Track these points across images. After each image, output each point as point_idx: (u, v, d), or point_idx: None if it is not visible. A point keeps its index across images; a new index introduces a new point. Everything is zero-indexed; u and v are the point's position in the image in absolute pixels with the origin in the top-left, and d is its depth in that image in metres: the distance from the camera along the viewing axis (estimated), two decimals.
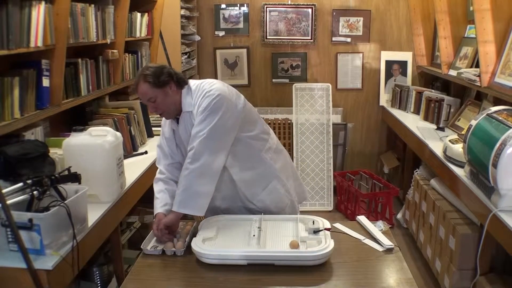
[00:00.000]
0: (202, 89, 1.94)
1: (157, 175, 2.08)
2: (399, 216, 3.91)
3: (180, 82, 1.96)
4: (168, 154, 2.08)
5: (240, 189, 2.05)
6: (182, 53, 3.97)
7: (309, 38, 4.55)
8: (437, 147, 3.04)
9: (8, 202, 1.53)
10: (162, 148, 2.10)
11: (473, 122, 2.37)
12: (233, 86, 2.10)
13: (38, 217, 1.55)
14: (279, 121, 4.46)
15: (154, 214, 1.97)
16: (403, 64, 4.59)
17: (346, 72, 4.65)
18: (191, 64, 4.31)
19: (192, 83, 2.00)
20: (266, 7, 4.49)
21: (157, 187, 2.04)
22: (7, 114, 1.97)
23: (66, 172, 1.80)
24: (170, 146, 2.08)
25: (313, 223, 1.90)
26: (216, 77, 4.64)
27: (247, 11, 4.53)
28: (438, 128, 3.59)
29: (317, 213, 2.26)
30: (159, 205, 1.97)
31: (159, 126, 3.42)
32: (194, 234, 1.86)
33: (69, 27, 2.30)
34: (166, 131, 2.09)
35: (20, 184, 1.62)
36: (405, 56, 4.57)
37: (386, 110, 4.49)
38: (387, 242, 1.85)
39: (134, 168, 2.60)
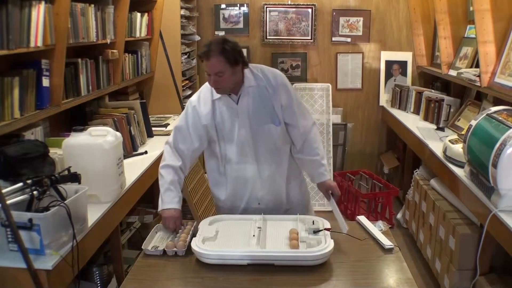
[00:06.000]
0: (273, 72, 2.06)
1: (169, 159, 2.03)
2: (399, 216, 3.90)
3: (246, 64, 1.96)
4: (193, 138, 2.02)
5: (283, 173, 2.13)
6: (182, 53, 3.97)
7: (309, 38, 4.55)
8: (437, 147, 3.04)
9: (8, 202, 1.53)
10: (182, 130, 2.03)
11: (473, 122, 2.37)
12: None
13: (38, 217, 1.55)
14: None
15: (166, 207, 1.96)
16: (403, 64, 4.59)
17: (346, 72, 4.65)
18: (191, 64, 4.31)
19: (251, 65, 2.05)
20: (266, 7, 4.49)
21: (168, 175, 2.01)
22: (7, 114, 1.97)
23: (66, 172, 1.80)
24: (196, 129, 2.02)
25: (313, 223, 1.90)
26: None
27: (247, 11, 4.53)
28: (438, 128, 3.59)
29: (317, 213, 2.27)
30: (176, 199, 1.98)
31: (159, 126, 3.47)
32: (194, 234, 1.86)
33: (69, 27, 2.30)
34: (202, 111, 2.01)
35: (20, 184, 1.61)
36: (405, 56, 4.57)
37: (386, 110, 4.49)
38: (387, 242, 1.85)
39: (134, 168, 2.60)
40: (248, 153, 2.05)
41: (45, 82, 2.22)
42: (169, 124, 3.56)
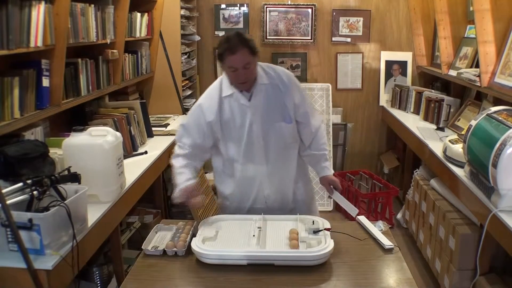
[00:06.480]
0: (284, 71, 2.09)
1: (177, 150, 2.09)
2: (399, 216, 3.91)
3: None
4: (196, 134, 2.05)
5: (291, 172, 2.14)
6: (182, 53, 3.97)
7: (309, 38, 4.55)
8: (437, 147, 3.04)
9: (8, 202, 1.53)
10: (185, 126, 2.09)
11: (473, 122, 2.37)
12: None
13: (38, 217, 1.55)
14: None
15: (178, 188, 1.96)
16: (403, 64, 4.59)
17: (346, 72, 4.65)
18: (191, 64, 4.31)
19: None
20: (266, 7, 4.49)
21: (178, 162, 2.05)
22: (7, 114, 1.97)
23: (66, 172, 1.80)
24: (198, 126, 2.04)
25: (313, 223, 1.90)
26: (216, 77, 4.63)
27: (247, 11, 4.53)
28: (438, 128, 3.59)
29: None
30: (183, 179, 1.98)
31: (159, 126, 3.47)
32: (194, 234, 1.86)
33: (69, 27, 2.30)
34: (207, 108, 2.03)
35: (20, 184, 1.62)
36: (405, 56, 4.57)
37: (386, 110, 4.49)
38: (387, 242, 1.85)
39: (134, 168, 2.60)
40: (257, 151, 2.06)
41: (45, 82, 2.22)
42: (169, 124, 3.56)
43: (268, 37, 4.56)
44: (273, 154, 2.08)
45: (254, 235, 1.81)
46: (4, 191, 1.54)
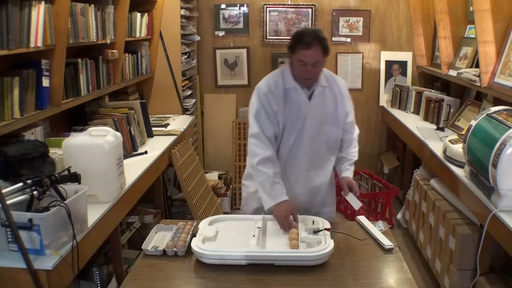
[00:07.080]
0: (341, 79, 2.21)
1: (262, 154, 1.98)
2: (399, 216, 3.91)
3: None
4: (273, 122, 2.01)
5: (326, 178, 2.19)
6: (182, 53, 3.97)
7: None
8: (437, 147, 3.04)
9: (8, 202, 1.53)
10: (262, 116, 2.01)
11: (473, 122, 2.37)
12: (233, 86, 2.11)
13: (38, 217, 1.55)
14: None
15: (280, 200, 1.92)
16: (403, 64, 4.59)
17: (346, 72, 4.65)
18: (191, 64, 4.31)
19: None
20: (266, 7, 4.49)
21: (270, 169, 1.96)
22: (7, 114, 1.97)
23: (66, 172, 1.80)
24: (272, 113, 2.01)
25: (313, 223, 1.91)
26: (216, 77, 4.64)
27: (247, 11, 4.53)
28: (438, 128, 3.59)
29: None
30: (284, 191, 1.96)
31: (159, 126, 3.47)
32: (194, 234, 1.87)
33: (69, 27, 2.30)
34: (274, 97, 2.01)
35: (20, 184, 1.62)
36: (405, 56, 4.58)
37: (386, 110, 4.49)
38: (387, 242, 1.85)
39: (134, 168, 2.60)
40: (304, 149, 2.08)
41: (45, 82, 2.22)
42: (169, 124, 3.56)
43: (268, 37, 4.56)
44: (315, 155, 2.11)
45: (254, 235, 1.81)
46: (4, 191, 1.54)
